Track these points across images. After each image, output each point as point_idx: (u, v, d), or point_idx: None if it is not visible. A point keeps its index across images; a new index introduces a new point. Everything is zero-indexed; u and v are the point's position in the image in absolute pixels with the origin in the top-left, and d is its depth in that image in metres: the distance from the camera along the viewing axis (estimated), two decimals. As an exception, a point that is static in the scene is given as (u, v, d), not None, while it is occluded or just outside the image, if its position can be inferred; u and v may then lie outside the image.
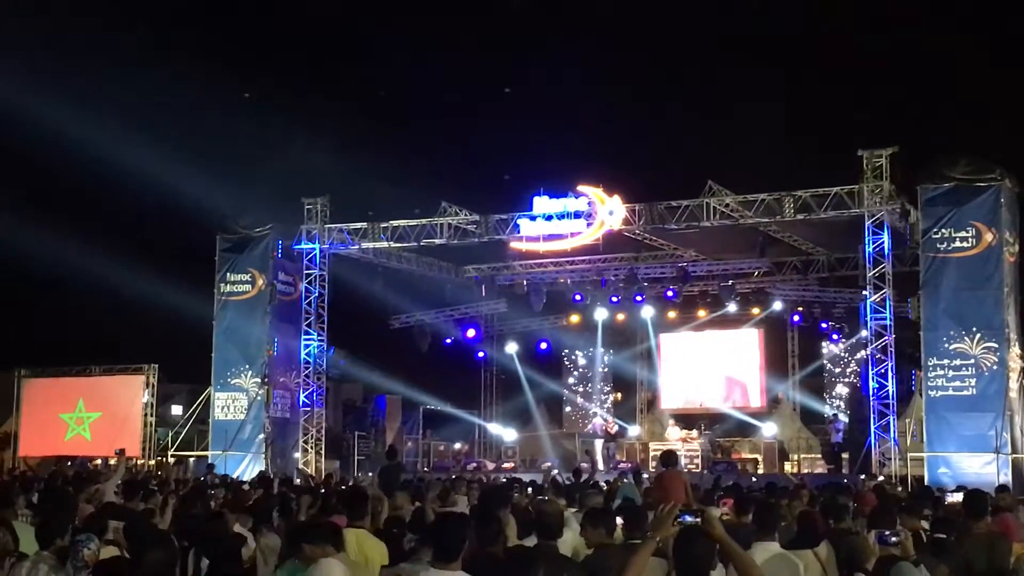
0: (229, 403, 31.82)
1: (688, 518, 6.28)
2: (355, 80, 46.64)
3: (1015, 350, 26.53)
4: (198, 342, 33.40)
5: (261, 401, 31.34)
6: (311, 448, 32.18)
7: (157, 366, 35.53)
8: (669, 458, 16.81)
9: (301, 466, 31.29)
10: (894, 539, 6.22)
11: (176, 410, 40.06)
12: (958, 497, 18.27)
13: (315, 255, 32.06)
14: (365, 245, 32.07)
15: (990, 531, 9.92)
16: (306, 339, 32.22)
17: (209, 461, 29.88)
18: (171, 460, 33.10)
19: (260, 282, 31.89)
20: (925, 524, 11.03)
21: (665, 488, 15.17)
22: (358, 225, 31.87)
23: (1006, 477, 24.64)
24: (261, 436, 31.30)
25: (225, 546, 9.55)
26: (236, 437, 31.18)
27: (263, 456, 31.02)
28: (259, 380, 31.43)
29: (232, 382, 31.82)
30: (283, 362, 32.15)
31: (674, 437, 33.60)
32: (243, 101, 37.44)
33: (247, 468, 30.33)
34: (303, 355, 32.22)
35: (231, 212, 32.72)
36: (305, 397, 32.29)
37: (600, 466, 32.52)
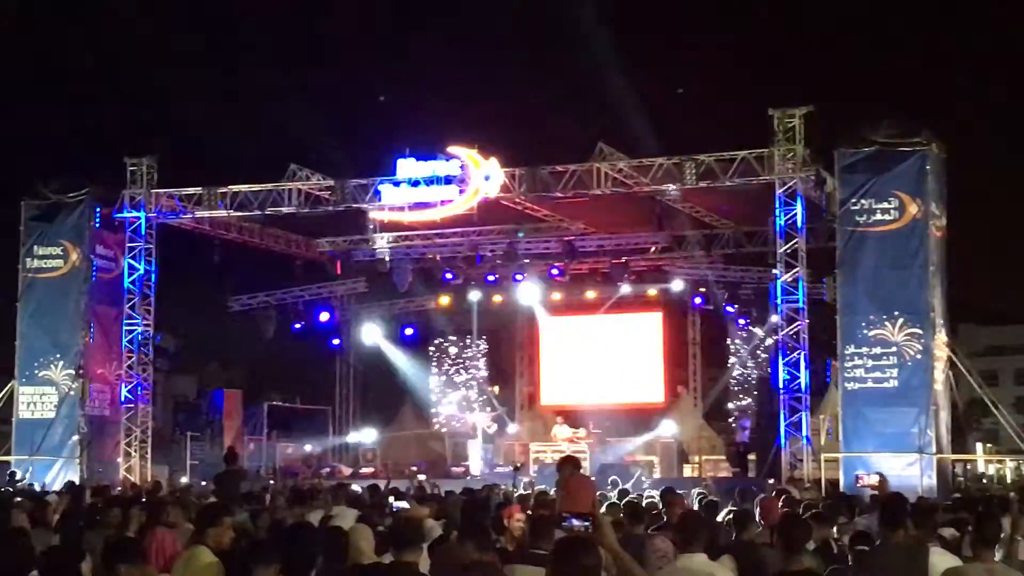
0: (36, 399, 31.32)
1: (575, 522, 6.03)
2: (185, 17, 45.93)
3: (941, 336, 27.20)
4: (-1, 327, 32.80)
5: (75, 396, 30.89)
6: (135, 451, 31.75)
7: (-53, 356, 34.76)
8: (573, 463, 16.89)
9: (124, 472, 30.92)
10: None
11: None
12: (874, 479, 18.74)
13: (140, 225, 31.59)
14: (200, 214, 31.74)
15: (908, 540, 10.09)
16: (129, 324, 31.77)
17: (12, 468, 29.36)
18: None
19: (74, 257, 31.41)
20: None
21: (572, 495, 15.22)
22: (191, 190, 31.50)
23: (930, 479, 25.33)
24: (75, 438, 30.86)
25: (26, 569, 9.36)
26: (45, 439, 30.65)
27: (77, 461, 30.56)
28: (72, 372, 30.96)
29: (40, 374, 31.31)
30: (102, 351, 31.74)
31: (560, 437, 33.83)
32: (52, 43, 36.51)
33: (58, 475, 29.89)
34: (125, 342, 31.80)
35: (38, 173, 32.11)
36: (128, 392, 31.86)
37: (475, 470, 32.62)
